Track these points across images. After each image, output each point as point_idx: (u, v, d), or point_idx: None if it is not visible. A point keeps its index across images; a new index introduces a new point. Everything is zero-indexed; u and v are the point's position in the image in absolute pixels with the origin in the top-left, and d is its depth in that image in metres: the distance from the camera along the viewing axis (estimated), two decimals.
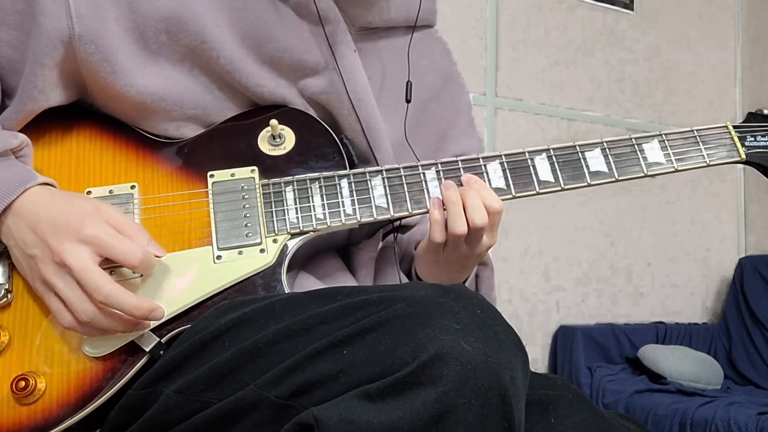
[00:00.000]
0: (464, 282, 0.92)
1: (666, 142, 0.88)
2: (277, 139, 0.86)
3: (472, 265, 0.88)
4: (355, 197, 0.83)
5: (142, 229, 0.76)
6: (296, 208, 0.82)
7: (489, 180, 0.85)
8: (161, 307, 0.73)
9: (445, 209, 0.83)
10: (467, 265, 0.86)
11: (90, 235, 0.70)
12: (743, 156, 0.89)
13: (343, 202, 0.83)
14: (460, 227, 0.81)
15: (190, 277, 0.77)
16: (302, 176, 0.83)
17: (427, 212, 0.84)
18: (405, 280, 0.97)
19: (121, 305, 0.70)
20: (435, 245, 0.83)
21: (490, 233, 0.84)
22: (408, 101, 0.94)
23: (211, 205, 0.81)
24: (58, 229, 0.71)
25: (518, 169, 0.85)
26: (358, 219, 0.82)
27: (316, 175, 0.84)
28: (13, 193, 0.73)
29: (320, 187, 0.83)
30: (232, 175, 0.83)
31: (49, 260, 0.70)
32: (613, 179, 0.86)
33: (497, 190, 0.84)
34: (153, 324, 0.74)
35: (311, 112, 0.90)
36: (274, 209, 0.82)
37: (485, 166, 0.85)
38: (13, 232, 0.73)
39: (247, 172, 0.83)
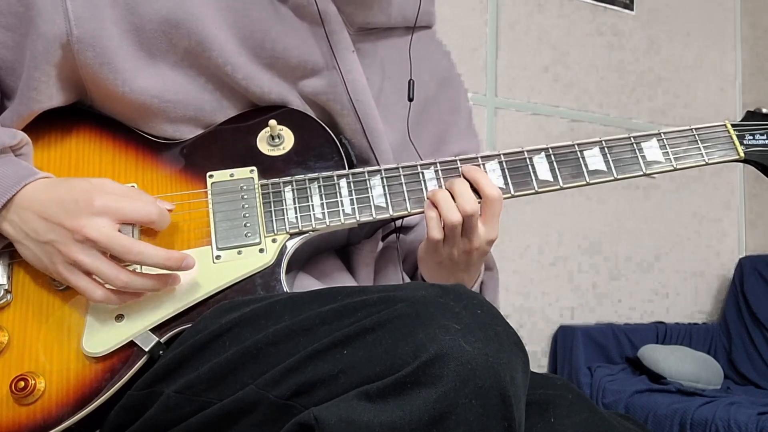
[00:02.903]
0: (472, 286, 0.92)
1: (665, 140, 0.88)
2: (276, 140, 0.86)
3: (475, 263, 0.87)
4: (354, 197, 0.83)
5: (143, 192, 0.78)
6: (295, 208, 0.82)
7: None
8: (191, 256, 0.75)
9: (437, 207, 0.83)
10: (470, 262, 0.86)
11: (102, 206, 0.71)
12: (742, 154, 0.89)
13: (342, 201, 0.83)
14: (454, 216, 0.81)
15: (189, 277, 0.77)
16: (301, 176, 0.83)
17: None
18: (407, 279, 0.97)
19: (154, 259, 0.72)
20: (434, 243, 0.83)
21: (488, 224, 0.83)
22: (410, 100, 0.94)
23: (210, 206, 0.81)
24: (69, 209, 0.72)
25: (517, 168, 0.85)
26: (357, 219, 0.82)
27: (315, 175, 0.84)
28: (12, 189, 0.73)
29: (319, 187, 0.83)
30: (231, 175, 0.83)
31: (69, 240, 0.71)
32: (612, 178, 0.86)
33: None
34: (185, 272, 0.76)
35: (310, 112, 0.90)
36: (273, 209, 0.82)
37: (484, 165, 0.85)
38: (20, 224, 0.74)
39: (246, 173, 0.83)
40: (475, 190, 0.83)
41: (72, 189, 0.73)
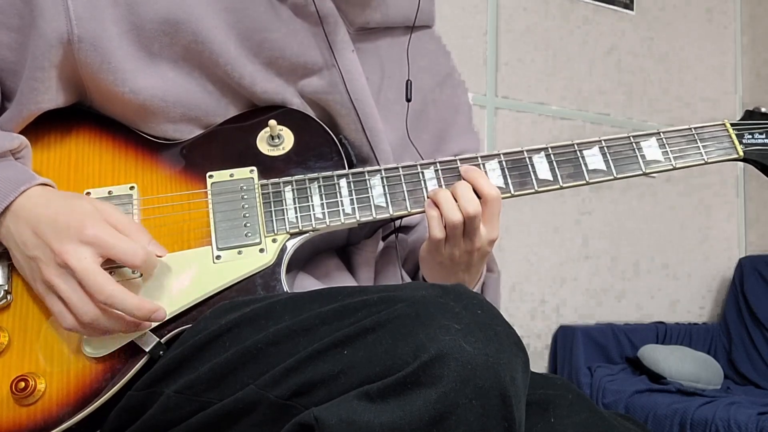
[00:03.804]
0: (473, 287, 0.92)
1: (664, 140, 0.88)
2: (276, 140, 0.86)
3: (476, 264, 0.87)
4: (354, 197, 0.83)
5: (143, 229, 0.76)
6: (295, 208, 0.82)
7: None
8: (163, 308, 0.73)
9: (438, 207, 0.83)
10: (471, 262, 0.86)
11: (91, 236, 0.70)
12: (741, 153, 0.89)
13: (342, 201, 0.83)
14: (455, 216, 0.81)
15: (189, 277, 0.77)
16: (301, 176, 0.83)
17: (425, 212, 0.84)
18: (408, 279, 0.97)
19: (123, 306, 0.70)
20: (436, 242, 0.83)
21: (488, 224, 0.83)
22: (408, 100, 0.94)
23: (210, 206, 0.81)
24: (60, 230, 0.70)
25: (517, 168, 0.85)
26: (357, 218, 0.82)
27: (315, 175, 0.84)
28: (11, 194, 0.73)
29: (319, 186, 0.83)
30: (231, 175, 0.83)
31: (51, 262, 0.70)
32: (612, 177, 0.86)
33: None
34: (154, 324, 0.74)
35: (310, 112, 0.90)
36: (273, 209, 0.82)
37: (484, 165, 0.85)
38: (13, 233, 0.73)
39: (246, 173, 0.83)
40: (475, 191, 0.83)
41: (72, 210, 0.72)
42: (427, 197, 0.83)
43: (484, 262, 0.91)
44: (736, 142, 0.89)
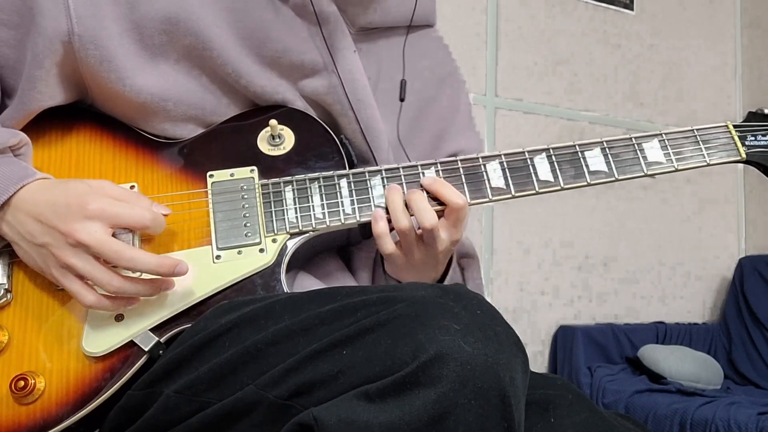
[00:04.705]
0: (444, 276, 0.91)
1: (666, 141, 0.88)
2: (277, 140, 0.86)
3: (442, 261, 0.87)
4: (355, 197, 0.83)
5: (141, 195, 0.77)
6: (295, 208, 0.82)
7: (488, 179, 0.84)
8: (184, 262, 0.73)
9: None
10: (438, 261, 0.85)
11: (96, 209, 0.71)
12: (743, 155, 0.89)
13: (342, 201, 0.83)
14: (402, 222, 0.80)
15: (189, 277, 0.77)
16: (301, 176, 0.83)
17: None
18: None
19: (146, 266, 0.72)
20: (388, 255, 0.82)
21: (452, 229, 0.82)
22: (402, 100, 0.94)
23: (210, 205, 0.81)
24: (61, 212, 0.71)
25: (518, 169, 0.85)
26: (358, 219, 0.82)
27: (315, 175, 0.84)
28: (10, 189, 0.73)
29: (319, 186, 0.83)
30: (232, 175, 0.83)
31: (62, 244, 0.71)
32: (613, 179, 0.86)
33: (497, 189, 0.84)
34: (176, 284, 0.75)
35: (311, 112, 0.90)
36: (273, 209, 0.82)
37: (485, 165, 0.85)
38: (15, 227, 0.74)
39: (247, 172, 0.83)
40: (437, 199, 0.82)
41: (67, 192, 0.73)
42: (377, 209, 0.81)
43: (448, 256, 0.90)
44: (738, 143, 0.89)
